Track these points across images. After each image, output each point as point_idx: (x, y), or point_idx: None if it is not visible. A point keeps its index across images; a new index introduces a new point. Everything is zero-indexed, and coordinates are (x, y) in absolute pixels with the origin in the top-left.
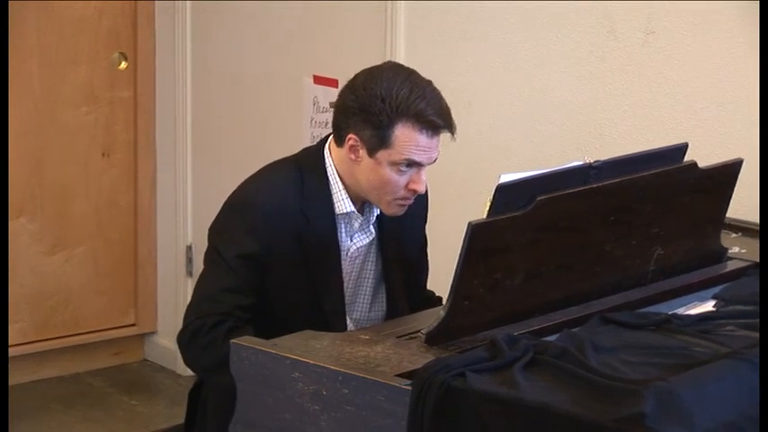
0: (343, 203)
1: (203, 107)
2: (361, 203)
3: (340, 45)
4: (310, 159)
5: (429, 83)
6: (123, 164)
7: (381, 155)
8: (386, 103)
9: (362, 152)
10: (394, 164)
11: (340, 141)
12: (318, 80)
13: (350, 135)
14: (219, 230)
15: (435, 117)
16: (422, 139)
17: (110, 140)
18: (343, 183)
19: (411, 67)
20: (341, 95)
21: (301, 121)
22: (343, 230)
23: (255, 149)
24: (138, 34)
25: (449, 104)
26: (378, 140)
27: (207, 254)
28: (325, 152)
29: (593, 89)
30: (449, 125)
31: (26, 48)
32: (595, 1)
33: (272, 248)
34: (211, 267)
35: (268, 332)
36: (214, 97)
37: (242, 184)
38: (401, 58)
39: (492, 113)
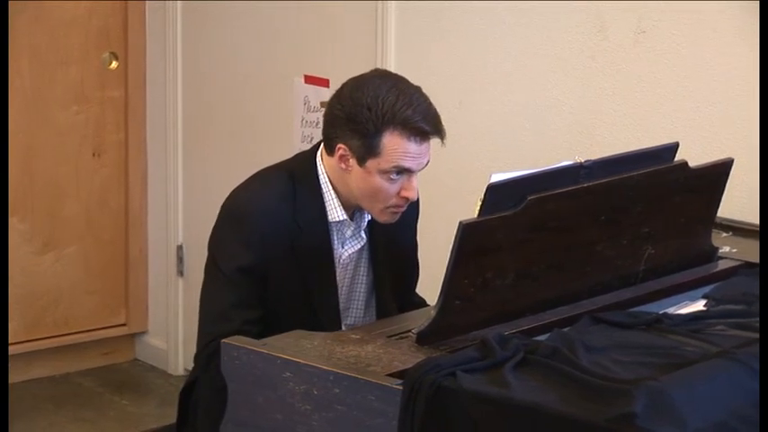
0: (335, 212)
1: (194, 107)
2: (353, 211)
3: (331, 45)
4: (303, 167)
5: (417, 89)
6: (114, 164)
7: (371, 164)
8: (372, 111)
9: (352, 161)
10: (384, 172)
11: (330, 151)
12: (309, 80)
13: (339, 145)
14: (217, 244)
15: (423, 123)
16: (410, 146)
17: (100, 140)
18: (336, 191)
19: (402, 66)
20: (329, 105)
21: (292, 120)
22: (335, 238)
23: (246, 149)
24: (128, 34)
25: (440, 104)
26: (366, 149)
27: (208, 266)
28: (317, 159)
29: (583, 89)
30: (437, 131)
31: (17, 47)
32: (586, 1)
33: (268, 259)
34: (214, 282)
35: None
36: (205, 97)
37: (235, 192)
38: (392, 59)
39: (483, 113)
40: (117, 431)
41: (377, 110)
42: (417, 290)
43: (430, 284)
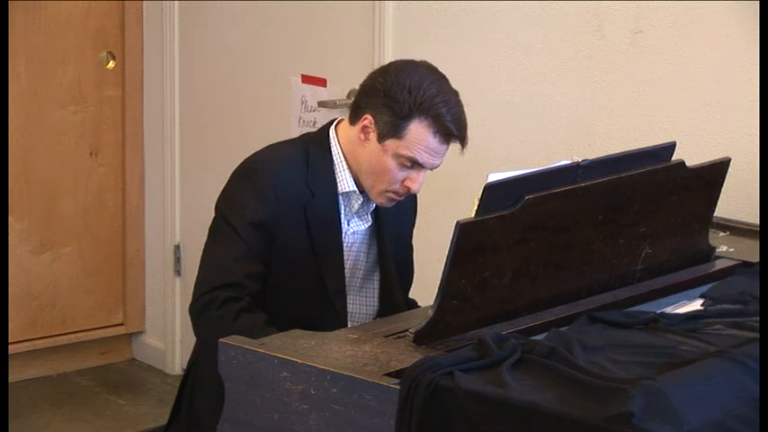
0: (346, 182)
1: (191, 106)
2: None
3: (328, 44)
4: (316, 139)
5: (456, 93)
6: (111, 163)
7: (390, 143)
8: (411, 95)
9: (373, 135)
10: (398, 156)
11: (354, 119)
12: (306, 79)
13: (366, 115)
14: (228, 199)
15: (451, 125)
16: (432, 141)
17: (97, 140)
18: (347, 162)
19: None
20: (371, 76)
21: (289, 120)
22: (343, 212)
23: (243, 149)
24: (125, 33)
25: None
26: (391, 128)
27: (214, 222)
28: (330, 132)
29: (581, 88)
30: (462, 137)
31: (14, 47)
32: (583, 0)
33: (279, 217)
34: (219, 235)
35: (270, 305)
36: (202, 96)
37: (250, 156)
38: (389, 58)
39: (480, 113)
40: (114, 431)
41: (416, 95)
42: (414, 289)
43: (427, 284)
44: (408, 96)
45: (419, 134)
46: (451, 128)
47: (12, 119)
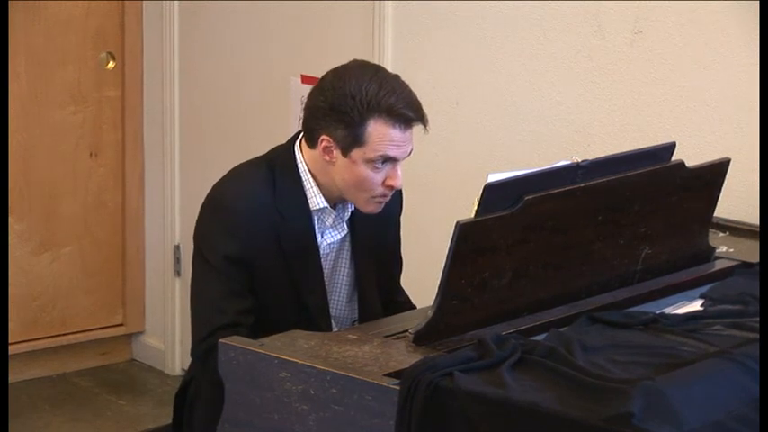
0: (316, 199)
1: (191, 107)
2: (334, 202)
3: (328, 45)
4: (281, 158)
5: (396, 77)
6: (111, 164)
7: (356, 153)
8: (356, 100)
9: (336, 152)
10: (369, 161)
11: (312, 143)
12: (306, 80)
13: (323, 136)
14: (202, 236)
15: (407, 110)
16: (395, 133)
17: (97, 140)
18: (315, 180)
19: (399, 66)
20: (310, 97)
21: (289, 120)
22: (316, 227)
23: (243, 149)
24: (125, 34)
25: (436, 104)
26: (351, 139)
27: (195, 258)
28: (295, 149)
29: (580, 89)
30: (420, 117)
31: (13, 47)
32: (583, 1)
33: (253, 248)
34: (204, 274)
35: (254, 330)
36: (202, 97)
37: (216, 185)
38: (389, 58)
39: (479, 113)
40: (114, 431)
41: (361, 98)
42: (414, 289)
43: (426, 284)
44: (353, 102)
45: (379, 133)
46: (407, 113)
47: (12, 119)
